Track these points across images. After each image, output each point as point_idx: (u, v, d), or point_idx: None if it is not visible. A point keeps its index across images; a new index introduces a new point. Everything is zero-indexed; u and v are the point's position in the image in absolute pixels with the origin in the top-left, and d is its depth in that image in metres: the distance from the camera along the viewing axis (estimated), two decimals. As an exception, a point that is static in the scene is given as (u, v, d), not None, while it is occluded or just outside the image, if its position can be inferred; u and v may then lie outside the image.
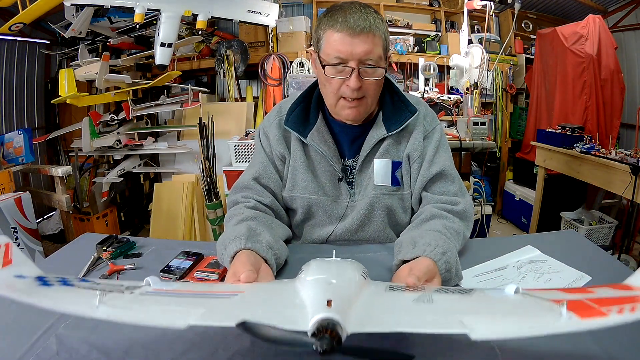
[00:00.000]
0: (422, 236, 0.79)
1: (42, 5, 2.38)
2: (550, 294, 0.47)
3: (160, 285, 0.53)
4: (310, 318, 0.41)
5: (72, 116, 3.41)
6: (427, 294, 0.51)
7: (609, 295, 0.44)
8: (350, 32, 0.82)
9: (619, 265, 0.87)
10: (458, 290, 0.53)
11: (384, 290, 0.54)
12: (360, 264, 0.63)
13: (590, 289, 0.47)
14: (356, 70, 0.84)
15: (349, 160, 1.01)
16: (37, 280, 0.49)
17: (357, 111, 0.91)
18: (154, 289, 0.52)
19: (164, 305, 0.46)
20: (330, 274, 0.54)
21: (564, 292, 0.47)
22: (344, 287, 0.49)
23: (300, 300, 0.47)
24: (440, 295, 0.51)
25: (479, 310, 0.45)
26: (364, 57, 0.83)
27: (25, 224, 2.01)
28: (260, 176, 1.00)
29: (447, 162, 0.99)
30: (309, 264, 0.61)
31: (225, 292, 0.52)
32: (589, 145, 2.38)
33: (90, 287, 0.50)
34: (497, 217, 3.67)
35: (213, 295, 0.51)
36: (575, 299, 0.44)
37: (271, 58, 3.32)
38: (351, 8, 0.84)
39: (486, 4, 3.20)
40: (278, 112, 1.03)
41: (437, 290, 0.53)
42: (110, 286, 0.51)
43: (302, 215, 1.03)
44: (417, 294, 0.50)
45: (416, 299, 0.49)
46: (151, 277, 0.54)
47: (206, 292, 0.52)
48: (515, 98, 3.79)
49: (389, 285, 0.57)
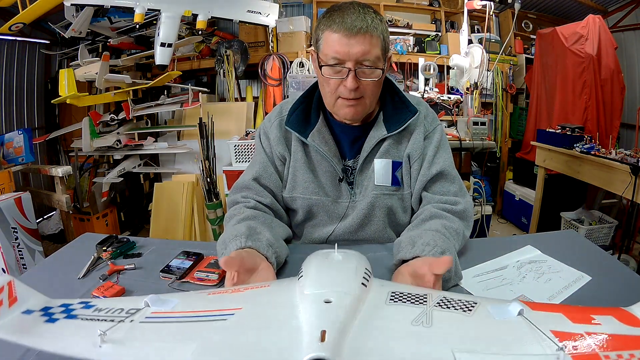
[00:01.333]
0: (421, 236, 0.79)
1: (42, 5, 2.38)
2: (554, 319, 0.46)
3: (158, 305, 0.54)
4: (303, 356, 0.40)
5: (72, 116, 3.41)
6: (427, 310, 0.50)
7: (613, 331, 0.43)
8: (347, 33, 0.82)
9: (619, 265, 0.87)
10: (461, 303, 0.52)
11: (384, 301, 0.53)
12: (364, 258, 0.62)
13: (594, 317, 0.45)
14: (353, 71, 0.84)
15: (349, 161, 1.01)
16: (43, 315, 0.51)
17: (355, 110, 0.91)
18: (152, 312, 0.52)
19: (161, 339, 0.48)
20: (329, 285, 0.53)
21: (568, 319, 0.46)
22: (341, 307, 0.48)
23: (297, 321, 0.47)
24: (441, 313, 0.49)
25: (475, 344, 0.44)
26: (361, 57, 0.83)
27: (25, 224, 2.01)
28: (260, 176, 1.00)
29: (448, 162, 0.99)
30: (309, 262, 0.61)
31: (222, 310, 0.52)
32: (589, 145, 2.38)
33: (92, 317, 0.51)
34: (497, 217, 3.67)
35: (209, 316, 0.51)
36: (577, 332, 0.43)
37: (271, 58, 3.32)
38: (349, 8, 0.84)
39: (486, 4, 3.19)
40: (279, 113, 1.03)
41: (439, 304, 0.51)
42: (110, 313, 0.52)
43: (303, 215, 1.03)
44: (417, 311, 0.49)
45: (415, 319, 0.48)
46: (149, 297, 0.54)
47: (202, 312, 0.52)
48: (515, 98, 3.79)
49: (391, 292, 0.55)
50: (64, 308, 0.53)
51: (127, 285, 0.78)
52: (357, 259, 0.61)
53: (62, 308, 0.53)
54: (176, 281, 0.80)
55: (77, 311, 0.53)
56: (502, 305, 0.50)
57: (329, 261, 0.61)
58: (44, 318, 0.51)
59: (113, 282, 0.79)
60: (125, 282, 0.80)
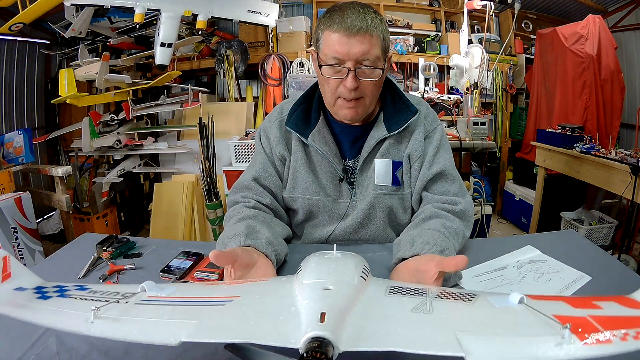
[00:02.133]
0: (420, 235, 0.79)
1: (42, 5, 2.38)
2: (555, 306, 0.46)
3: (155, 291, 0.53)
4: (302, 335, 0.40)
5: (72, 116, 3.42)
6: (427, 300, 0.50)
7: (616, 313, 0.43)
8: (347, 33, 0.82)
9: (619, 265, 0.87)
10: (460, 295, 0.52)
11: (383, 293, 0.53)
12: (362, 258, 0.62)
13: (596, 303, 0.45)
14: (352, 71, 0.84)
15: (350, 161, 1.01)
16: (36, 292, 0.50)
17: (354, 111, 0.91)
18: (148, 296, 0.52)
19: (156, 317, 0.47)
20: (327, 275, 0.53)
21: (569, 305, 0.46)
22: (340, 294, 0.48)
23: (296, 308, 0.47)
24: (441, 303, 0.49)
25: (478, 327, 0.43)
26: (361, 57, 0.83)
27: (25, 224, 2.01)
28: (259, 176, 1.01)
29: (448, 162, 0.99)
30: (307, 260, 0.61)
31: (220, 297, 0.51)
32: (589, 145, 2.38)
33: (86, 297, 0.50)
34: (497, 217, 3.67)
35: (207, 302, 0.50)
36: (580, 315, 0.42)
37: (271, 58, 3.32)
38: (349, 8, 0.84)
39: (486, 4, 3.20)
40: (279, 113, 1.03)
41: (439, 295, 0.51)
42: (105, 295, 0.51)
43: (303, 215, 1.03)
44: (417, 301, 0.49)
45: (415, 307, 0.48)
46: (146, 283, 0.53)
47: (200, 298, 0.52)
48: (515, 98, 3.79)
49: (389, 286, 0.55)
50: (58, 288, 0.53)
51: (127, 285, 0.78)
52: (355, 258, 0.62)
53: (55, 288, 0.53)
54: (176, 281, 0.80)
55: (71, 292, 0.52)
56: (501, 296, 0.50)
57: (327, 258, 0.61)
58: (37, 295, 0.50)
59: (113, 282, 0.79)
60: (125, 282, 0.80)
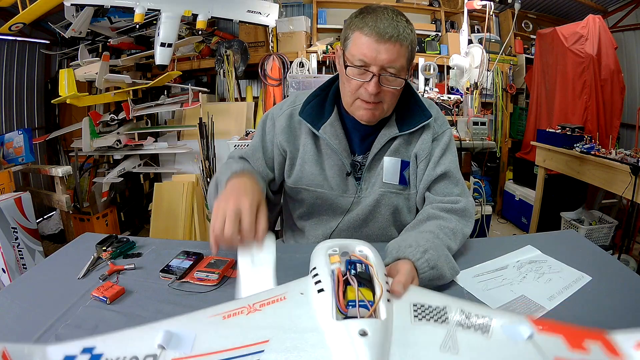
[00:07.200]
0: (406, 239, 0.79)
1: (42, 5, 2.38)
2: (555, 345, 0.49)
3: (175, 346, 0.48)
4: None
5: (72, 116, 3.42)
6: (451, 331, 0.51)
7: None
8: (378, 38, 0.82)
9: (619, 265, 0.87)
10: (477, 321, 0.53)
11: (410, 321, 0.53)
12: (374, 250, 0.63)
13: (585, 346, 0.49)
14: (377, 76, 0.84)
15: (358, 157, 1.01)
16: None
17: (372, 114, 0.92)
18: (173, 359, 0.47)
19: None
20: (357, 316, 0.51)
21: (566, 344, 0.49)
22: (376, 341, 0.47)
23: (326, 351, 0.47)
24: (464, 336, 0.51)
25: None
26: (387, 64, 0.84)
27: (25, 224, 2.01)
28: (247, 157, 1.03)
29: (453, 164, 1.00)
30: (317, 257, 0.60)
31: (249, 346, 0.49)
32: (589, 145, 2.38)
33: None
34: (497, 217, 3.67)
35: (239, 357, 0.48)
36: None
37: (271, 58, 3.32)
38: (383, 13, 0.84)
39: (486, 4, 3.19)
40: (292, 102, 1.04)
41: (460, 323, 0.52)
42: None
43: (307, 208, 1.04)
44: (442, 333, 0.51)
45: (442, 344, 0.49)
46: (162, 337, 0.47)
47: (230, 354, 0.48)
48: (515, 98, 3.79)
49: (412, 304, 0.55)
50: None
51: (127, 285, 0.78)
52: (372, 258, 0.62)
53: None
54: (176, 281, 0.80)
55: None
56: (513, 325, 0.52)
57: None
58: None
59: (113, 282, 0.79)
60: (125, 282, 0.80)
